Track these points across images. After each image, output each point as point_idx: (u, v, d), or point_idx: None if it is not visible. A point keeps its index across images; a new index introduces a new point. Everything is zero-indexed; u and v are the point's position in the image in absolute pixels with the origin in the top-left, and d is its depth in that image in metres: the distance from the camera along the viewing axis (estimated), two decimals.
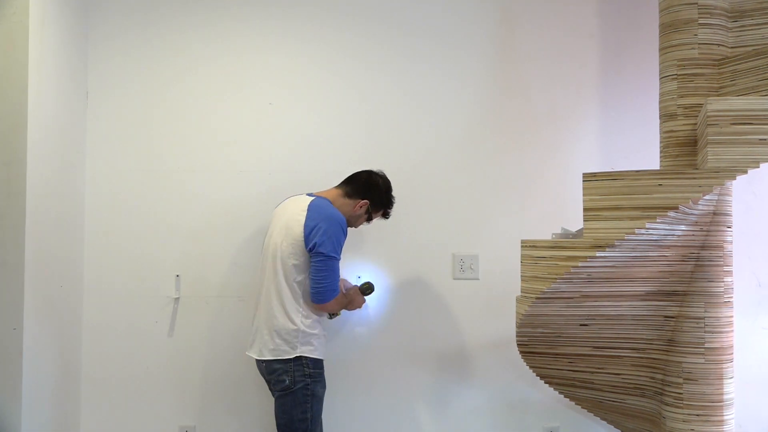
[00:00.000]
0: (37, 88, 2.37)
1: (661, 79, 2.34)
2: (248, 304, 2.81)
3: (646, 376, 2.27)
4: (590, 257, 1.97)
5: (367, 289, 2.66)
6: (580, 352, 2.27)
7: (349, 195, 2.50)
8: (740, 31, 2.25)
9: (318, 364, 2.41)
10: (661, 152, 2.35)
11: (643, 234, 1.96)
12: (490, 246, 2.87)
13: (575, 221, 2.41)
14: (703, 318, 2.15)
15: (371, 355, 2.85)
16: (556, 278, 2.02)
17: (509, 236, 2.81)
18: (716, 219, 2.15)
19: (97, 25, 2.83)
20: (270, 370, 2.38)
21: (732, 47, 2.25)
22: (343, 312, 2.70)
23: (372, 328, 2.86)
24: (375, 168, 2.59)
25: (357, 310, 2.71)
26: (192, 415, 2.81)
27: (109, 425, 2.79)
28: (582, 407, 2.48)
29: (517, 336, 2.28)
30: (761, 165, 1.96)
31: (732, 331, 2.19)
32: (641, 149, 2.84)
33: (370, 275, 2.83)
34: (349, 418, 2.84)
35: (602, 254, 1.96)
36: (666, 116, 2.31)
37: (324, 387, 2.44)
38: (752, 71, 2.14)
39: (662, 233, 2.02)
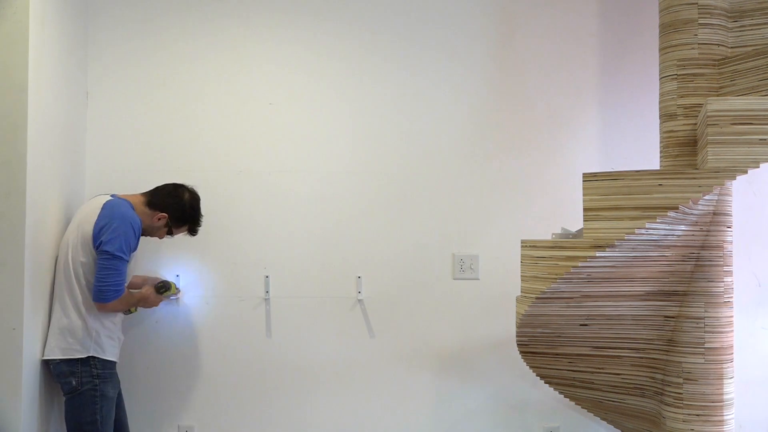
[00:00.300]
0: (37, 88, 2.37)
1: (661, 79, 2.34)
2: (248, 304, 2.82)
3: (646, 376, 2.27)
4: (590, 257, 1.97)
5: (161, 287, 2.56)
6: (580, 352, 2.27)
7: (150, 205, 2.45)
8: (740, 31, 2.25)
9: (108, 365, 2.37)
10: (661, 152, 2.35)
11: (643, 234, 1.96)
12: (490, 246, 2.87)
13: (575, 221, 2.41)
14: (703, 318, 2.15)
15: (371, 355, 2.85)
16: (556, 278, 2.02)
17: (509, 236, 2.81)
18: (716, 219, 2.15)
19: (98, 26, 2.83)
20: (57, 371, 2.33)
21: (732, 47, 2.25)
22: (142, 309, 2.64)
23: (372, 329, 2.86)
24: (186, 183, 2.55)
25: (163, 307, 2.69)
26: (191, 415, 2.81)
27: None
28: (582, 407, 2.48)
29: (517, 336, 2.28)
30: (761, 165, 1.96)
31: (732, 331, 2.19)
32: (641, 149, 2.84)
33: (367, 276, 2.84)
34: (349, 418, 2.84)
35: (602, 254, 1.96)
36: (666, 116, 2.31)
37: (115, 388, 2.41)
38: (752, 71, 2.14)
39: (662, 233, 2.02)
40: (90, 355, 2.32)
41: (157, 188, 2.50)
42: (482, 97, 2.90)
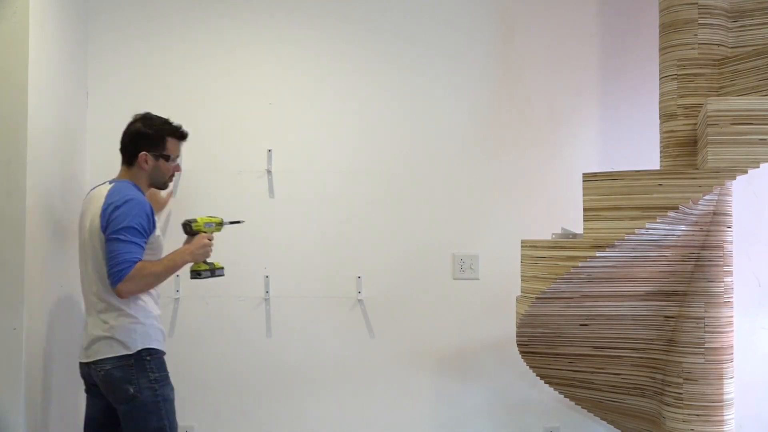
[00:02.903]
0: (37, 88, 2.37)
1: (661, 79, 2.34)
2: (248, 304, 2.82)
3: (646, 376, 2.27)
4: (590, 257, 1.97)
5: (186, 226, 2.30)
6: (580, 352, 2.27)
7: (129, 163, 2.25)
8: (740, 31, 2.25)
9: (162, 363, 2.20)
10: (661, 152, 2.35)
11: (643, 234, 1.96)
12: (490, 246, 2.86)
13: (575, 221, 2.41)
14: (703, 318, 2.15)
15: (371, 355, 2.85)
16: (556, 278, 2.02)
17: (509, 236, 2.80)
18: (716, 219, 2.15)
19: (97, 25, 2.83)
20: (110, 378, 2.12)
21: (732, 47, 2.25)
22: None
23: (372, 329, 2.86)
24: None
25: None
26: (191, 415, 2.81)
27: None
28: (582, 407, 2.48)
29: (517, 336, 2.28)
30: (761, 165, 1.96)
31: (732, 331, 2.19)
32: (641, 149, 2.84)
33: (367, 276, 2.84)
34: (349, 418, 2.84)
35: (602, 254, 1.96)
36: (666, 116, 2.31)
37: (172, 390, 2.23)
38: (752, 71, 2.14)
39: (662, 233, 2.02)
40: (141, 348, 2.14)
41: (120, 149, 2.28)
42: (482, 97, 2.90)
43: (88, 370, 2.21)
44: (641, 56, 2.87)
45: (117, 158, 2.79)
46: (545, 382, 2.41)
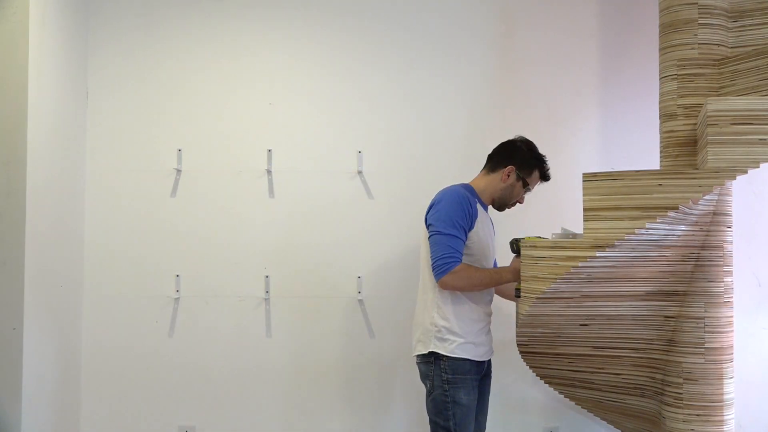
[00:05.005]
0: (37, 88, 2.37)
1: (661, 79, 2.34)
2: (248, 304, 2.82)
3: (646, 376, 2.27)
4: (590, 257, 1.96)
5: (513, 244, 2.32)
6: (580, 352, 2.27)
7: (492, 170, 2.39)
8: (740, 31, 2.25)
9: (459, 367, 2.27)
10: (661, 152, 2.35)
11: (643, 234, 1.96)
12: None
13: (575, 221, 2.41)
14: (703, 318, 2.15)
15: (371, 355, 2.85)
16: (556, 278, 2.02)
17: (509, 236, 2.80)
18: (716, 219, 2.15)
19: (97, 25, 2.83)
20: (419, 370, 2.35)
21: (732, 47, 2.25)
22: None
23: (372, 329, 2.86)
24: None
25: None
26: (192, 415, 2.81)
27: (109, 425, 2.79)
28: (582, 407, 2.48)
29: (517, 336, 2.28)
30: (761, 165, 1.96)
31: (732, 331, 2.19)
32: (641, 149, 2.84)
33: (367, 276, 2.83)
34: (349, 418, 2.84)
35: (602, 254, 1.96)
36: (666, 116, 2.31)
37: (468, 394, 2.29)
38: (752, 71, 2.14)
39: (662, 233, 2.02)
40: (433, 350, 2.26)
41: (489, 155, 2.41)
42: (482, 97, 2.90)
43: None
44: (641, 56, 2.88)
45: (117, 157, 2.81)
46: (545, 382, 2.41)
